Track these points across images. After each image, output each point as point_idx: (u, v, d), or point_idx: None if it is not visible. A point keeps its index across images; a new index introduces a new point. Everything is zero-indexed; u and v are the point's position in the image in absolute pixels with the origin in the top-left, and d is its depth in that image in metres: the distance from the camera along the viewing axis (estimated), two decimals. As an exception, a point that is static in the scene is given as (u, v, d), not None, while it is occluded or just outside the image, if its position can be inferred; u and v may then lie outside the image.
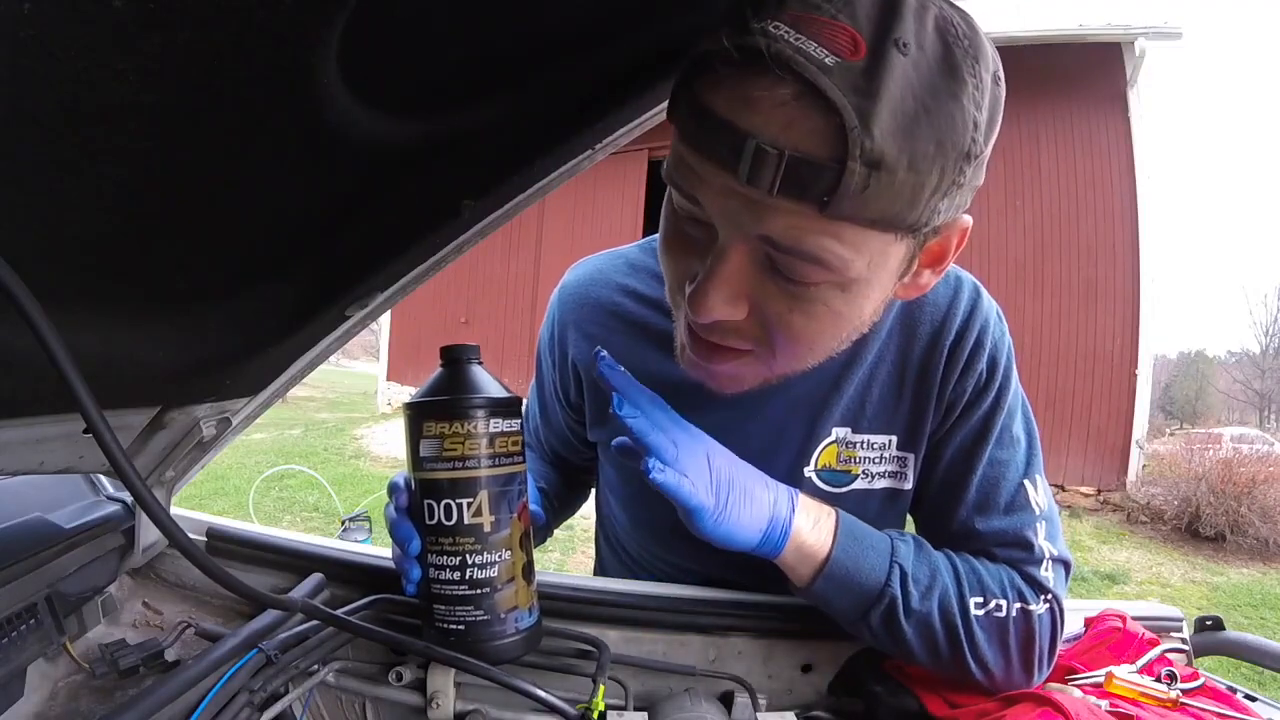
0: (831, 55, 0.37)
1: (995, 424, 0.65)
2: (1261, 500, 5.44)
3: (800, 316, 0.48)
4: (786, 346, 0.50)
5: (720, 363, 0.53)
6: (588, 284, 0.75)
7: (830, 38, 0.37)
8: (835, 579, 0.59)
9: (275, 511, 5.14)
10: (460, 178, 0.51)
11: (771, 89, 0.38)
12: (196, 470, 0.71)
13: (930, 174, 0.40)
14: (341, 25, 0.29)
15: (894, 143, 0.38)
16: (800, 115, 0.38)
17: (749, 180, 0.40)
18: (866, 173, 0.38)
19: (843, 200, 0.39)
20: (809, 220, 0.41)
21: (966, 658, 0.60)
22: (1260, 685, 2.72)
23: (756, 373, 0.54)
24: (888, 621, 0.59)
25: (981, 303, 0.66)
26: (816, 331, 0.49)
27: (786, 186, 0.39)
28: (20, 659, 0.56)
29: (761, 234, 0.43)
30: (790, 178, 0.39)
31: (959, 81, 0.40)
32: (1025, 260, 6.55)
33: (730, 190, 0.42)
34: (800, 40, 0.37)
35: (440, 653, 0.54)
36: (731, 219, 0.44)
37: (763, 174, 0.39)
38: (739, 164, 0.40)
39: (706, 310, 0.47)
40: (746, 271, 0.46)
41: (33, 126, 0.26)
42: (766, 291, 0.47)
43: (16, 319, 0.30)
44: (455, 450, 0.52)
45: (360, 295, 0.58)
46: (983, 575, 0.61)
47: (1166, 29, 6.36)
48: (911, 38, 0.38)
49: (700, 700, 0.62)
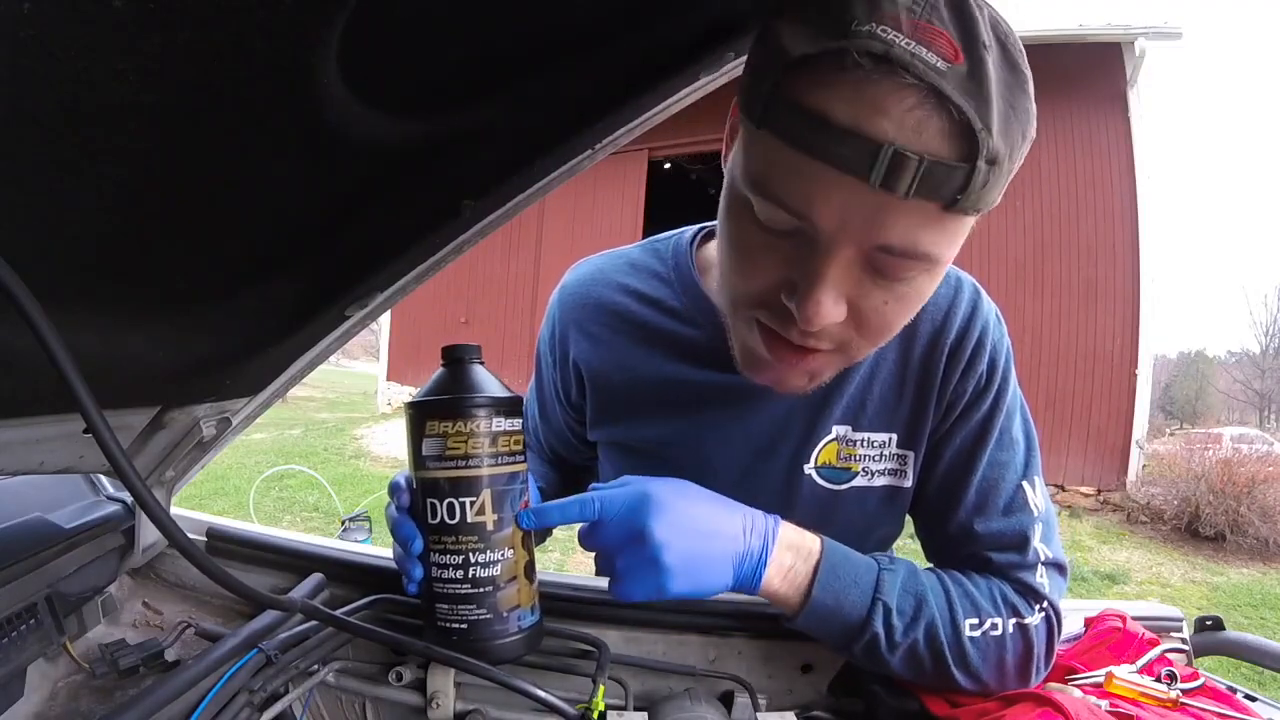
0: (941, 59, 0.38)
1: (994, 425, 0.65)
2: (1261, 500, 5.43)
3: (894, 305, 0.49)
4: (876, 336, 0.51)
5: (806, 363, 0.53)
6: (589, 284, 0.75)
7: (933, 41, 0.38)
8: (817, 615, 0.58)
9: (275, 511, 5.14)
10: (460, 178, 0.51)
11: (896, 93, 0.38)
12: (196, 470, 0.71)
13: (1017, 161, 0.43)
14: (341, 25, 0.29)
15: (1002, 139, 0.40)
16: (928, 119, 0.39)
17: (883, 185, 0.40)
18: (987, 170, 0.40)
19: (969, 197, 0.41)
20: (929, 219, 0.42)
21: (956, 677, 0.60)
22: (1260, 685, 2.72)
23: (835, 365, 0.55)
24: (870, 653, 0.59)
25: (982, 304, 0.66)
26: (904, 316, 0.50)
27: (920, 189, 0.40)
28: (20, 659, 0.56)
29: (881, 243, 0.43)
30: (925, 181, 0.40)
31: (1021, 75, 0.42)
32: (1025, 260, 6.54)
33: (855, 197, 0.41)
34: (911, 45, 0.38)
35: (440, 652, 0.54)
36: (850, 226, 0.43)
37: (899, 179, 0.39)
38: (871, 170, 0.39)
39: (821, 316, 0.46)
40: (851, 273, 0.46)
41: (33, 126, 0.26)
42: (863, 289, 0.47)
43: (16, 319, 0.30)
44: (458, 449, 0.52)
45: (360, 295, 0.58)
46: (976, 596, 0.61)
47: (1166, 29, 6.35)
48: (987, 37, 0.40)
49: (700, 700, 0.62)
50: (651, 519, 0.53)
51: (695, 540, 0.54)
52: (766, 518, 0.58)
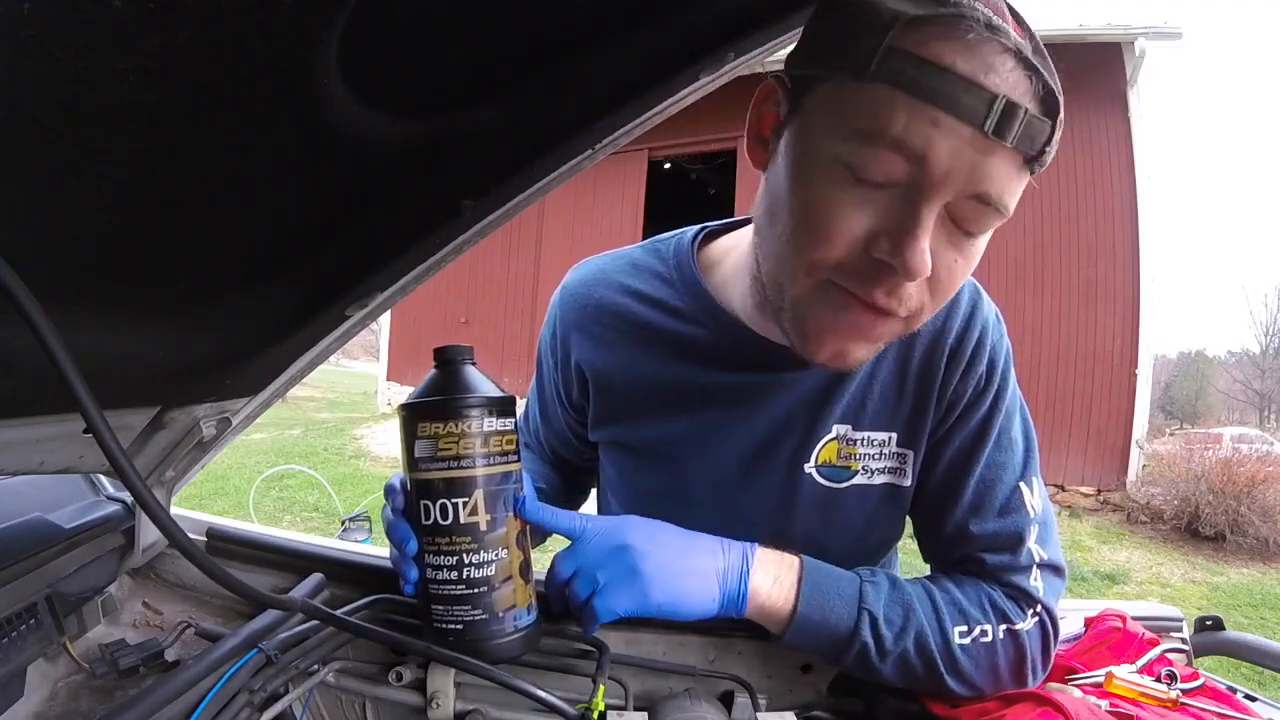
0: (1015, 33, 0.45)
1: (994, 426, 0.65)
2: (1261, 500, 5.43)
3: (962, 264, 0.51)
4: (943, 298, 0.53)
5: (881, 327, 0.53)
6: (590, 284, 0.75)
7: (1005, 17, 0.45)
8: (803, 631, 0.59)
9: (275, 511, 5.14)
10: (460, 178, 0.51)
11: (1000, 55, 0.44)
12: (196, 470, 0.71)
13: None
14: (341, 25, 0.29)
15: (1062, 106, 0.46)
16: (1024, 80, 0.45)
17: (995, 132, 0.44)
18: (1057, 133, 0.46)
19: (1046, 155, 0.47)
20: (1016, 170, 0.47)
21: (949, 684, 0.60)
22: (1260, 685, 2.72)
23: (895, 335, 0.56)
24: (861, 663, 0.60)
25: (982, 305, 0.66)
26: (965, 278, 0.53)
27: (1021, 140, 0.45)
28: (20, 659, 0.56)
29: (979, 190, 0.47)
30: (1025, 132, 0.45)
31: (1042, 51, 0.47)
32: (1025, 260, 6.54)
33: (965, 143, 0.45)
34: (995, 18, 0.44)
35: (440, 652, 0.54)
36: (956, 171, 0.46)
37: (1009, 127, 0.44)
38: (986, 118, 0.44)
39: (923, 264, 0.48)
40: (936, 226, 0.49)
41: (33, 126, 0.26)
42: (941, 245, 0.49)
43: (16, 319, 0.30)
44: (450, 450, 0.52)
45: (360, 295, 0.58)
46: (963, 603, 0.62)
47: (1166, 29, 6.35)
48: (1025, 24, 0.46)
49: (700, 700, 0.62)
50: (631, 534, 0.58)
51: (675, 554, 0.58)
52: (743, 547, 0.61)
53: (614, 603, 0.56)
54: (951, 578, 0.65)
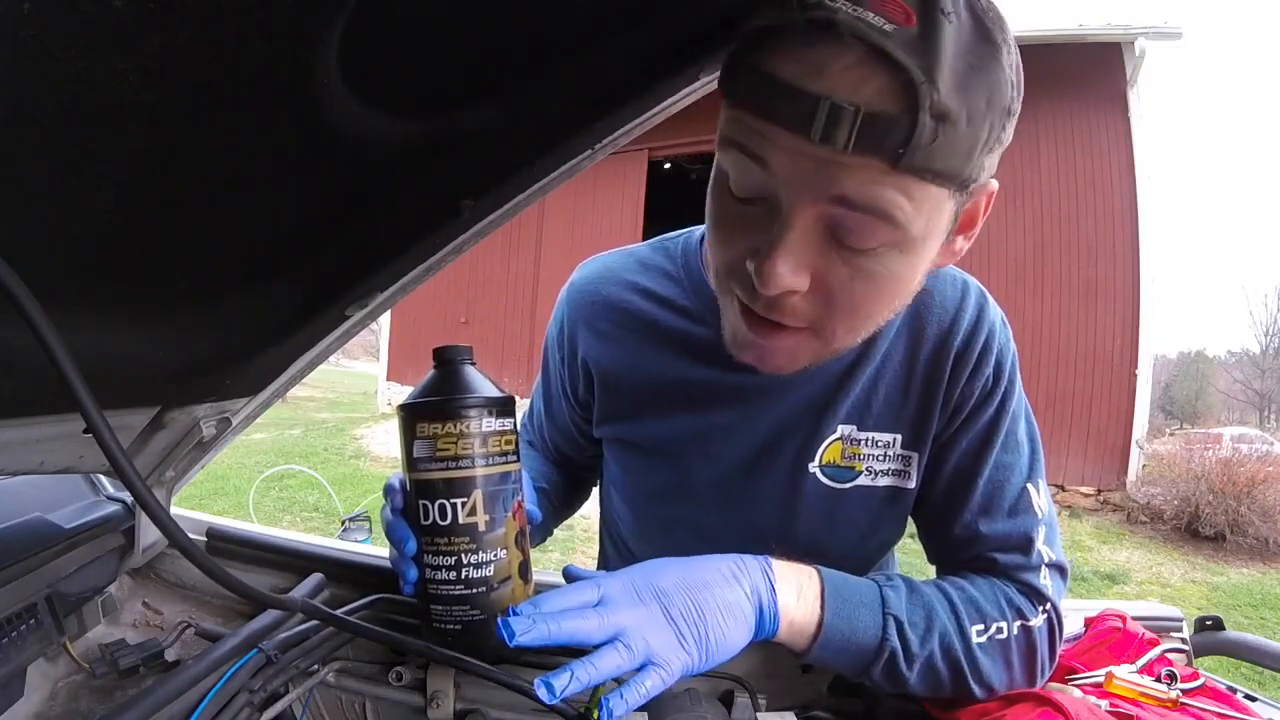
0: (888, 23, 0.40)
1: (1000, 428, 0.65)
2: (1261, 500, 5.43)
3: (862, 283, 0.49)
4: (846, 317, 0.51)
5: (779, 339, 0.53)
6: (598, 281, 0.75)
7: (882, 7, 0.40)
8: (832, 645, 0.57)
9: (275, 511, 5.14)
10: (460, 178, 0.51)
11: (837, 54, 0.41)
12: (196, 470, 0.71)
13: (982, 128, 0.43)
14: (341, 25, 0.29)
15: (955, 97, 0.41)
16: (869, 75, 0.40)
17: (822, 139, 0.41)
18: (934, 125, 0.41)
19: (915, 152, 0.41)
20: (881, 175, 0.43)
21: (970, 685, 0.60)
22: (1260, 685, 2.72)
23: (812, 349, 0.54)
24: (890, 672, 0.58)
25: (988, 307, 0.66)
26: (875, 298, 0.50)
27: (861, 142, 0.41)
28: (20, 659, 0.56)
29: (835, 194, 0.44)
30: (865, 133, 0.41)
31: (994, 45, 0.43)
32: (1025, 260, 6.54)
33: (802, 152, 0.43)
34: (858, 11, 0.40)
35: (440, 653, 0.54)
36: (803, 181, 0.44)
37: (837, 131, 0.41)
38: (812, 125, 0.41)
39: (775, 281, 0.47)
40: (811, 240, 0.47)
41: (33, 126, 0.26)
42: (829, 261, 0.48)
43: (16, 319, 0.30)
44: (448, 450, 0.52)
45: (360, 295, 0.58)
46: (979, 601, 0.61)
47: (1166, 29, 6.35)
48: (950, 7, 0.41)
49: (700, 700, 0.62)
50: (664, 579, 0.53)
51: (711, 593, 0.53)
52: (759, 562, 0.57)
53: (670, 662, 0.49)
54: (964, 576, 0.65)
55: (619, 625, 0.49)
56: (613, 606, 0.50)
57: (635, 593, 0.52)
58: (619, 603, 0.51)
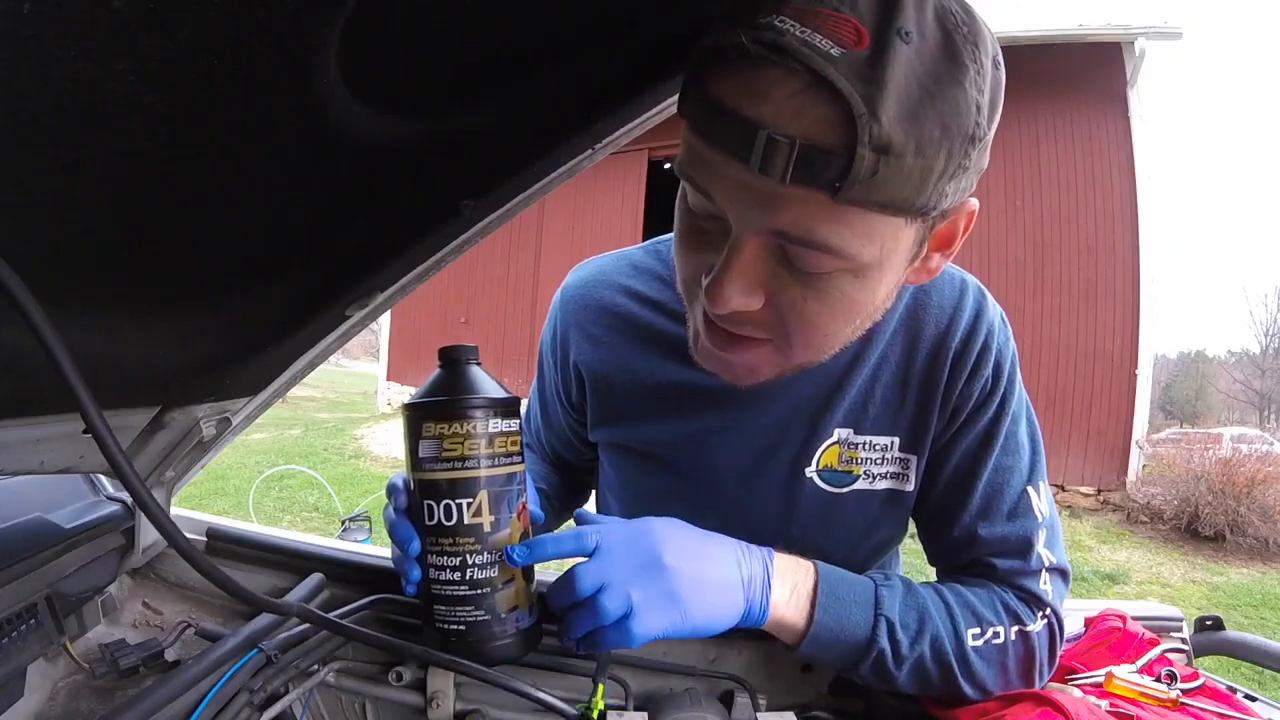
0: (837, 46, 0.38)
1: (1000, 430, 0.65)
2: (1261, 500, 5.44)
3: (815, 304, 0.48)
4: (802, 335, 0.51)
5: (738, 352, 0.53)
6: (590, 285, 0.75)
7: (834, 29, 0.38)
8: (820, 641, 0.58)
9: (275, 511, 5.15)
10: (460, 178, 0.51)
11: (780, 80, 0.39)
12: (196, 470, 0.71)
13: (937, 158, 0.40)
14: (341, 25, 0.29)
15: (901, 128, 0.38)
16: (809, 104, 0.39)
17: (761, 169, 0.40)
18: (875, 158, 0.39)
19: (853, 186, 0.39)
20: (820, 209, 0.41)
21: (962, 687, 0.60)
22: (1260, 685, 2.72)
23: (774, 362, 0.54)
24: (878, 670, 0.59)
25: (987, 307, 0.65)
26: (830, 319, 0.49)
27: (798, 174, 0.40)
28: (20, 659, 0.56)
29: (774, 228, 0.44)
30: (801, 165, 0.39)
31: (960, 67, 0.40)
32: (1025, 260, 6.54)
33: (742, 182, 0.42)
34: (806, 33, 0.38)
35: (437, 656, 0.54)
36: (744, 212, 0.44)
37: (774, 163, 0.40)
38: (751, 154, 0.40)
39: (723, 301, 0.47)
40: (761, 262, 0.47)
41: (33, 126, 0.26)
42: (781, 281, 0.47)
43: (16, 319, 0.30)
44: (454, 451, 0.52)
45: (360, 295, 0.58)
46: (976, 605, 0.61)
47: (1166, 29, 6.35)
48: (913, 26, 0.39)
49: (700, 700, 0.62)
50: (660, 545, 0.54)
51: (706, 566, 0.55)
52: (762, 553, 0.59)
53: (651, 626, 0.52)
54: (962, 580, 0.65)
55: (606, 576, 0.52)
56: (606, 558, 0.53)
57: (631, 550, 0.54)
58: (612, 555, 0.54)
